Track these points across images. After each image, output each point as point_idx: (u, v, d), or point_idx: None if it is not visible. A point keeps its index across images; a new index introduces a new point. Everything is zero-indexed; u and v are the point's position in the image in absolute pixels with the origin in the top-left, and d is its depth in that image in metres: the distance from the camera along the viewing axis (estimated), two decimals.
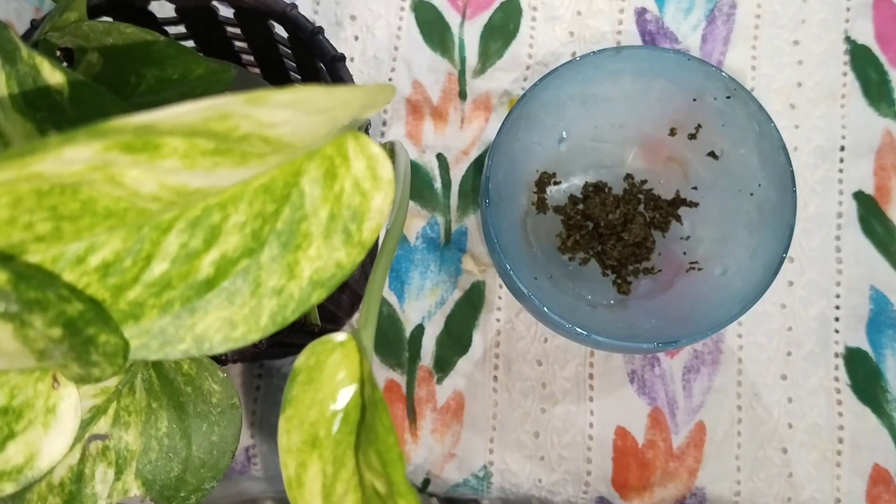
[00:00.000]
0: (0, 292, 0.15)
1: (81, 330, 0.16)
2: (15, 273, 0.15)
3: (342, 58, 0.34)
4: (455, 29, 0.51)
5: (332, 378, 0.20)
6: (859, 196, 0.47)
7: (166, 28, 0.38)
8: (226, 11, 0.38)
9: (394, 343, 0.47)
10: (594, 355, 0.46)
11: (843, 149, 0.48)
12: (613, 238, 0.45)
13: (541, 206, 0.46)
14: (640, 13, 0.51)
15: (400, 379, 0.46)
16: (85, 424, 0.25)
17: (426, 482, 0.45)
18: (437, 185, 0.49)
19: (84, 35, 0.27)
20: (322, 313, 0.38)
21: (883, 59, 0.49)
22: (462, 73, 0.50)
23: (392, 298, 0.47)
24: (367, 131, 0.38)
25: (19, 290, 0.15)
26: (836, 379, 0.45)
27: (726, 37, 0.50)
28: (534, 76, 0.49)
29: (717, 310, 0.38)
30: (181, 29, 0.39)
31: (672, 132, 0.44)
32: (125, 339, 0.18)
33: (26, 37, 0.32)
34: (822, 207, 0.48)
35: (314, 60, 0.37)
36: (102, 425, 0.26)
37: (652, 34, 0.50)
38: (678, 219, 0.45)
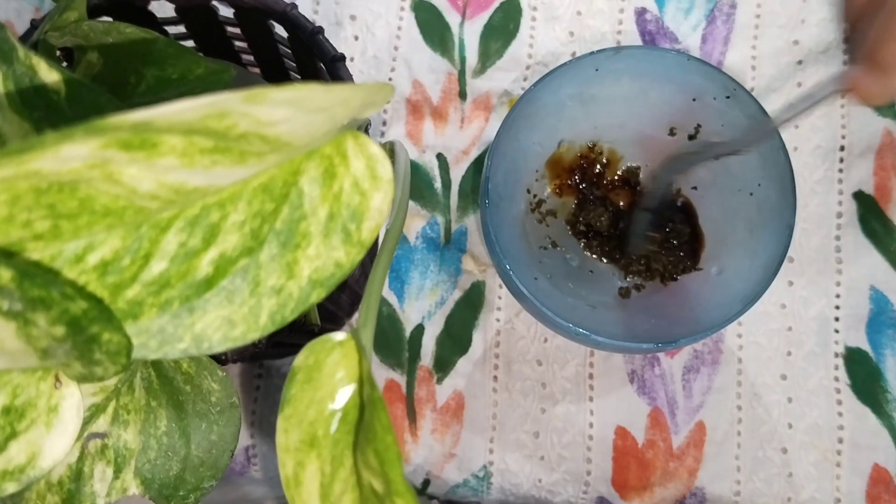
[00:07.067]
0: (3, 290, 0.15)
1: (85, 328, 0.16)
2: (19, 271, 0.15)
3: (342, 57, 0.34)
4: (455, 29, 0.51)
5: (330, 377, 0.20)
6: (859, 196, 0.47)
7: (166, 28, 0.38)
8: (226, 11, 0.38)
9: (394, 343, 0.47)
10: (594, 355, 0.46)
11: (843, 149, 0.48)
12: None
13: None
14: (640, 13, 0.51)
15: (400, 379, 0.46)
16: (84, 423, 0.25)
17: (426, 482, 0.45)
18: (437, 185, 0.49)
19: (84, 35, 0.27)
20: (321, 313, 0.38)
21: None
22: (462, 72, 0.50)
23: (392, 298, 0.47)
24: (366, 131, 0.38)
25: (23, 288, 0.15)
26: (836, 379, 0.45)
27: (726, 37, 0.50)
28: (534, 76, 0.49)
29: (717, 310, 0.38)
30: (181, 29, 0.39)
31: (672, 132, 0.44)
32: (128, 337, 0.18)
33: (26, 36, 0.32)
34: (822, 207, 0.48)
35: (314, 60, 0.37)
36: (101, 424, 0.26)
37: (652, 34, 0.50)
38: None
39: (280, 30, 0.37)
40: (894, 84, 0.28)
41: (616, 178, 0.46)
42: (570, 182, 0.46)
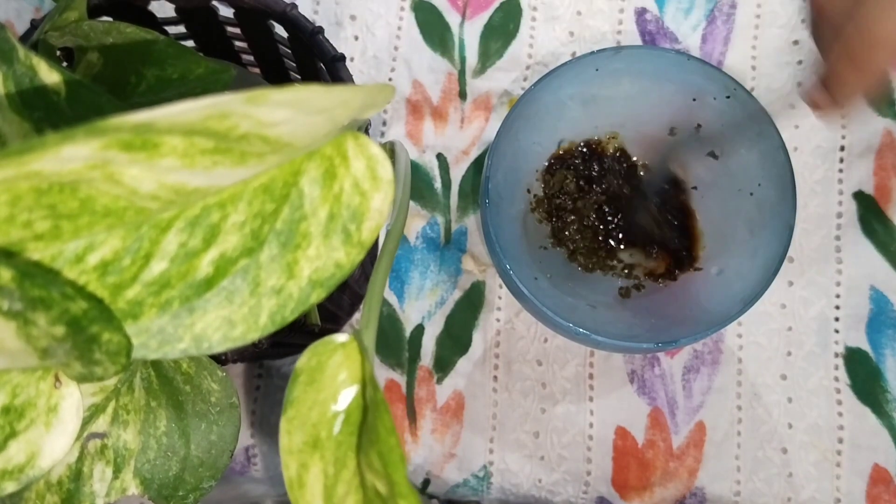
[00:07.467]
0: (4, 290, 0.15)
1: (85, 328, 0.16)
2: (19, 271, 0.15)
3: (342, 58, 0.34)
4: (455, 29, 0.51)
5: (333, 379, 0.20)
6: (859, 196, 0.47)
7: (166, 28, 0.38)
8: (226, 11, 0.38)
9: (394, 343, 0.47)
10: (594, 355, 0.46)
11: (843, 149, 0.48)
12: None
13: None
14: (640, 13, 0.51)
15: (400, 379, 0.46)
16: (84, 423, 0.25)
17: (426, 482, 0.45)
18: (437, 185, 0.49)
19: (84, 35, 0.27)
20: (322, 313, 0.38)
21: None
22: (462, 73, 0.50)
23: (392, 298, 0.47)
24: (367, 131, 0.38)
25: (23, 288, 0.15)
26: (836, 379, 0.45)
27: (726, 37, 0.50)
28: (534, 76, 0.49)
29: (717, 310, 0.38)
30: (181, 29, 0.39)
31: (672, 132, 0.44)
32: (128, 337, 0.18)
33: (26, 36, 0.32)
34: (822, 207, 0.48)
35: (314, 60, 0.37)
36: (101, 424, 0.26)
37: (652, 34, 0.50)
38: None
39: (280, 30, 0.37)
40: (842, 108, 0.31)
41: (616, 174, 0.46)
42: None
